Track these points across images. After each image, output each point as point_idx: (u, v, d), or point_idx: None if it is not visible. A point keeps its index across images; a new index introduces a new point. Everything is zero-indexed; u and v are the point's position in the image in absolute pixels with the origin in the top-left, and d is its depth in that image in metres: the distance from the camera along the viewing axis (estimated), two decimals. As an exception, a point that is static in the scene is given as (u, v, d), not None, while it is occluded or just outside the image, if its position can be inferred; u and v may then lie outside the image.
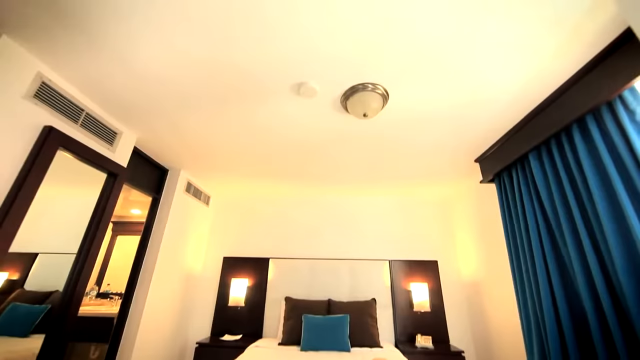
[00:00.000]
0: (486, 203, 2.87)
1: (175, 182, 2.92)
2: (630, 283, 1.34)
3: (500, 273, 2.60)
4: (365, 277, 3.30)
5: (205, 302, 3.34)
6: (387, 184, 3.31)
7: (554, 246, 1.86)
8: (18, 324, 1.87)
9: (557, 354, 1.69)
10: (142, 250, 2.62)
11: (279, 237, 3.61)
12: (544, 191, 1.88)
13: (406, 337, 3.06)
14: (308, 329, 2.62)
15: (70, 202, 2.22)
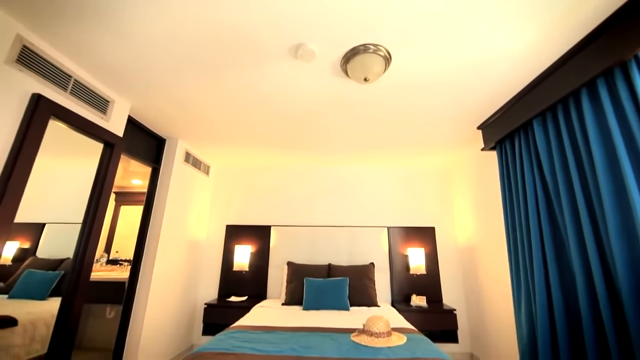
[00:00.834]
0: (485, 171, 2.87)
1: (173, 152, 2.90)
2: (622, 251, 1.38)
3: (495, 239, 2.68)
4: (364, 243, 3.42)
5: (211, 267, 3.50)
6: (387, 153, 3.29)
7: (550, 214, 1.89)
8: (35, 288, 1.97)
9: (544, 310, 1.80)
10: (146, 219, 2.68)
11: (280, 206, 3.68)
12: (546, 159, 1.86)
13: (402, 297, 3.25)
14: (309, 291, 2.77)
15: (73, 173, 2.23)
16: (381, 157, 3.44)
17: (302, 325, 2.07)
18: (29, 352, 1.64)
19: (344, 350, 1.56)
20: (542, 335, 1.78)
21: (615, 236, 1.40)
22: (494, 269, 2.74)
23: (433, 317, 2.86)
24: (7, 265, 1.94)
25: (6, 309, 1.72)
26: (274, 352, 1.51)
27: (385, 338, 1.70)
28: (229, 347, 1.56)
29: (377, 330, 1.74)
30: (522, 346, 1.94)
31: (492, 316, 2.75)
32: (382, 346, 1.62)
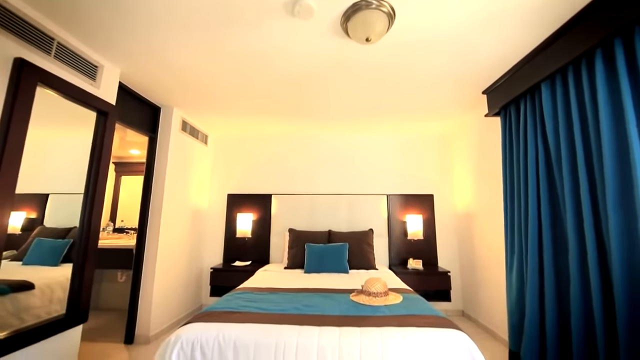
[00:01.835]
0: (487, 138, 2.83)
1: (169, 121, 2.84)
2: (618, 218, 1.40)
3: (492, 206, 2.72)
4: (363, 210, 3.49)
5: (214, 234, 3.61)
6: (387, 120, 3.21)
7: (549, 180, 1.90)
8: (47, 255, 2.04)
9: (534, 272, 1.89)
10: (147, 189, 2.71)
11: (280, 175, 3.69)
12: (550, 125, 1.82)
13: (399, 261, 3.40)
14: (310, 256, 2.89)
15: (72, 144, 2.20)
16: (381, 124, 3.37)
17: (304, 286, 2.18)
18: (49, 312, 1.74)
19: (344, 308, 1.67)
20: (530, 293, 1.88)
21: (612, 203, 1.41)
22: (488, 234, 2.82)
23: (428, 278, 3.01)
24: (17, 235, 1.98)
25: (22, 275, 1.80)
26: (277, 310, 1.62)
27: (382, 297, 1.80)
28: (235, 307, 1.66)
29: (375, 290, 1.83)
30: (511, 303, 2.07)
31: (484, 278, 2.89)
32: (379, 304, 1.72)
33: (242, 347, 1.31)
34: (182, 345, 1.32)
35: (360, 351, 1.28)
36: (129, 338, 2.51)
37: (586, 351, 1.56)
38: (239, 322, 1.44)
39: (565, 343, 1.73)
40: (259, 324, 1.42)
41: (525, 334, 1.87)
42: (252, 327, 1.39)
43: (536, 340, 1.84)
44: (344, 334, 1.35)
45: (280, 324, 1.42)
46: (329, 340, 1.31)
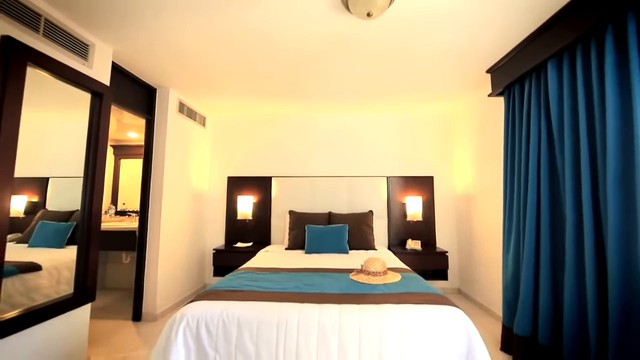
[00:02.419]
0: (489, 118, 2.79)
1: (166, 102, 2.78)
2: (617, 198, 1.40)
3: (492, 188, 2.73)
4: (363, 192, 3.50)
5: (216, 216, 3.65)
6: (388, 100, 3.15)
7: (550, 161, 1.89)
8: (51, 237, 2.08)
9: (531, 252, 1.93)
10: (147, 172, 2.70)
11: (280, 157, 3.67)
12: (555, 105, 1.79)
13: (398, 242, 3.46)
14: (311, 237, 2.94)
15: (70, 127, 2.18)
16: (382, 105, 3.31)
17: (305, 266, 2.24)
18: (57, 292, 1.80)
19: (344, 286, 1.72)
20: (526, 272, 1.93)
21: (612, 182, 1.41)
22: (487, 216, 2.85)
23: (426, 258, 3.08)
24: (21, 218, 2.00)
25: (29, 256, 1.83)
26: (279, 289, 1.66)
27: (381, 276, 1.85)
28: (238, 285, 1.71)
29: (374, 269, 1.88)
30: (506, 281, 2.13)
31: (481, 257, 2.96)
32: (378, 283, 1.77)
33: (245, 324, 1.36)
34: (187, 322, 1.38)
35: (360, 327, 1.33)
36: (136, 316, 2.60)
37: (577, 326, 1.63)
38: (242, 300, 1.48)
39: (557, 319, 1.79)
40: (261, 302, 1.46)
41: (519, 310, 1.94)
42: (255, 305, 1.44)
43: (529, 316, 1.91)
44: (344, 311, 1.39)
45: (282, 302, 1.46)
46: (329, 317, 1.36)
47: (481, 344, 1.32)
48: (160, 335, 1.39)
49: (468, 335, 1.33)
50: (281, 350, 1.32)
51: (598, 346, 1.46)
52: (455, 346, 1.32)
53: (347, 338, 1.31)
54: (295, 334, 1.33)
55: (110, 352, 2.10)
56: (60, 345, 1.75)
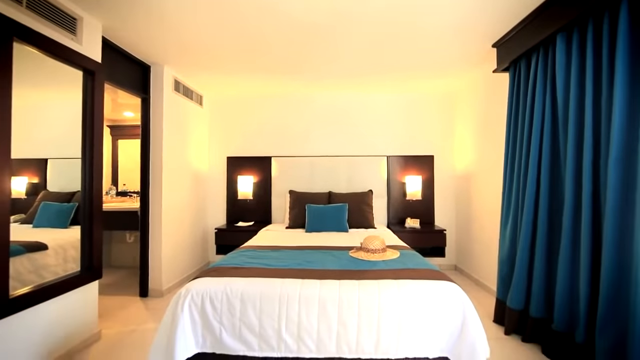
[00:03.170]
0: (492, 97, 2.73)
1: (161, 80, 2.71)
2: (618, 175, 1.40)
3: (492, 166, 2.72)
4: (363, 172, 3.50)
5: (216, 196, 3.68)
6: (389, 78, 3.06)
7: (553, 139, 1.87)
8: (55, 218, 2.10)
9: (528, 227, 1.96)
10: (145, 152, 2.69)
11: (279, 137, 3.63)
12: (561, 81, 1.75)
13: (397, 221, 3.51)
14: (311, 216, 2.98)
15: (65, 107, 2.14)
16: (382, 83, 3.22)
17: (305, 244, 2.28)
18: (65, 270, 1.85)
19: (343, 263, 1.76)
20: (522, 247, 1.97)
21: (614, 160, 1.40)
22: (486, 195, 2.87)
23: (425, 236, 3.14)
24: (23, 199, 2.02)
25: (34, 236, 1.87)
26: (280, 265, 1.71)
27: (380, 253, 1.89)
28: (240, 263, 1.76)
29: (373, 247, 1.92)
30: (502, 256, 2.18)
31: (478, 235, 3.01)
32: (377, 260, 1.82)
33: (248, 298, 1.41)
34: (192, 297, 1.43)
35: (359, 301, 1.38)
36: (143, 292, 2.70)
37: (568, 299, 1.69)
38: (244, 276, 1.53)
39: (549, 293, 1.86)
40: (263, 278, 1.51)
41: (513, 284, 2.01)
42: (257, 281, 1.49)
43: (523, 290, 1.97)
44: (344, 286, 1.44)
45: (283, 278, 1.51)
46: (329, 292, 1.41)
47: (475, 316, 1.37)
48: (167, 310, 1.44)
49: (463, 309, 1.38)
50: (283, 322, 1.37)
51: (588, 317, 1.53)
52: (451, 318, 1.37)
53: (346, 311, 1.37)
54: (297, 307, 1.38)
55: (120, 325, 2.20)
56: (72, 320, 1.83)
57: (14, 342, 1.50)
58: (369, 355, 1.35)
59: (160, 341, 1.39)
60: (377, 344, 1.35)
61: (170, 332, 1.37)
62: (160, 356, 1.36)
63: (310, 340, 1.36)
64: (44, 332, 1.66)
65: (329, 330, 1.36)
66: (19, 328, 1.52)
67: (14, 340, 1.50)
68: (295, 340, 1.37)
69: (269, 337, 1.38)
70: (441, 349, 1.36)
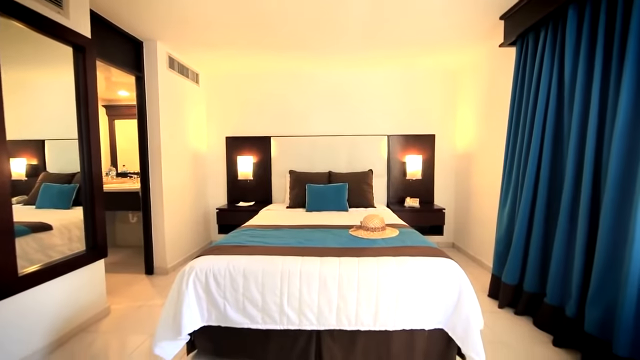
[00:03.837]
0: (496, 73, 2.64)
1: (154, 57, 2.62)
2: (620, 153, 1.38)
3: (493, 145, 2.69)
4: (363, 151, 3.48)
5: (216, 177, 3.68)
6: (391, 54, 2.95)
7: (557, 116, 1.84)
8: (57, 199, 2.12)
9: (527, 206, 1.97)
10: (143, 132, 2.65)
11: (278, 116, 3.57)
12: (570, 55, 1.69)
13: (397, 200, 3.53)
14: (311, 195, 2.99)
15: (60, 87, 2.09)
16: (384, 59, 3.11)
17: (306, 223, 2.31)
18: (71, 249, 1.89)
19: (343, 241, 1.79)
20: (520, 225, 2.00)
21: (619, 137, 1.38)
22: (485, 174, 2.87)
23: (424, 215, 3.18)
24: (23, 181, 2.02)
25: (38, 217, 1.89)
26: (281, 244, 1.74)
27: (379, 232, 1.92)
28: (242, 241, 1.79)
29: (373, 225, 1.95)
30: (500, 233, 2.22)
31: (476, 214, 3.04)
32: (376, 238, 1.85)
33: (251, 274, 1.45)
34: (196, 274, 1.47)
35: (358, 277, 1.42)
36: (149, 269, 2.78)
37: (562, 275, 1.74)
38: (246, 254, 1.56)
39: (544, 269, 1.91)
40: (265, 255, 1.54)
41: (509, 261, 2.06)
42: (259, 258, 1.52)
43: (518, 266, 2.03)
44: (344, 263, 1.47)
45: (285, 255, 1.54)
46: (329, 268, 1.44)
47: (471, 291, 1.42)
48: (172, 286, 1.49)
49: (460, 283, 1.42)
50: (285, 297, 1.42)
51: (580, 291, 1.58)
52: (448, 293, 1.42)
53: (346, 286, 1.41)
54: (298, 283, 1.42)
55: (128, 301, 2.28)
56: (81, 296, 1.90)
57: (27, 317, 1.57)
58: (367, 327, 1.41)
59: (167, 315, 1.45)
60: (376, 316, 1.40)
61: (176, 307, 1.43)
62: (169, 330, 1.42)
63: (311, 313, 1.42)
64: (54, 308, 1.72)
65: (329, 304, 1.41)
66: (31, 304, 1.58)
67: (26, 316, 1.56)
68: (297, 314, 1.42)
69: (272, 311, 1.43)
70: (437, 321, 1.42)
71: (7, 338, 1.47)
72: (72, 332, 1.82)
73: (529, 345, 1.70)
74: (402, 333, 1.44)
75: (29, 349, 1.57)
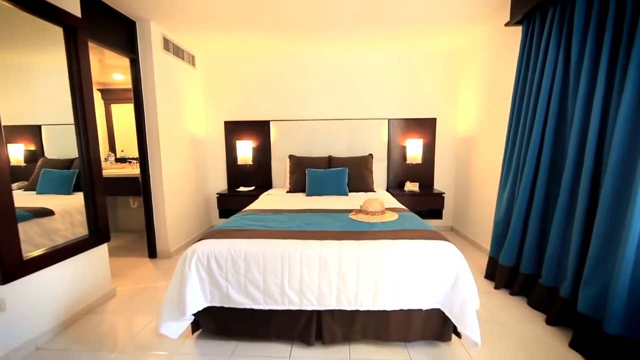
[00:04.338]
0: (500, 54, 2.57)
1: (148, 39, 2.53)
2: (624, 136, 1.36)
3: (495, 128, 2.66)
4: (364, 135, 3.45)
5: (216, 162, 3.67)
6: (390, 34, 2.84)
7: (561, 98, 1.81)
8: (57, 184, 2.12)
9: (526, 190, 1.98)
10: (140, 117, 2.62)
11: (277, 100, 3.51)
12: (578, 36, 1.64)
13: (397, 184, 3.54)
14: (311, 180, 3.00)
15: (55, 71, 2.04)
16: (383, 40, 3.01)
17: (306, 207, 2.33)
18: (74, 234, 1.91)
19: (343, 225, 1.81)
20: (518, 210, 2.01)
21: (623, 121, 1.36)
22: (486, 158, 2.85)
23: (423, 199, 3.19)
24: (22, 166, 2.02)
25: (39, 203, 1.90)
26: (282, 227, 1.76)
27: (379, 215, 1.94)
28: (242, 225, 1.81)
29: (373, 209, 1.96)
30: (498, 217, 2.24)
31: (475, 198, 3.06)
32: (376, 221, 1.87)
33: (252, 257, 1.47)
34: (198, 257, 1.49)
35: (358, 260, 1.44)
36: (152, 253, 2.83)
37: (558, 258, 1.77)
38: (247, 238, 1.58)
39: (540, 252, 1.94)
40: (265, 239, 1.56)
41: (507, 243, 2.09)
42: (260, 241, 1.54)
43: (515, 248, 2.06)
44: (343, 246, 1.50)
45: (285, 239, 1.56)
46: (329, 251, 1.47)
47: (468, 272, 1.45)
48: (176, 269, 1.52)
49: (457, 265, 1.45)
50: (286, 279, 1.46)
51: (576, 273, 1.61)
52: (446, 274, 1.45)
53: (346, 269, 1.44)
54: (299, 265, 1.45)
55: (133, 283, 2.34)
56: (87, 279, 1.94)
57: (36, 299, 1.61)
58: (366, 307, 1.46)
59: (172, 297, 1.49)
60: (375, 297, 1.44)
61: (180, 289, 1.46)
62: (173, 310, 1.47)
63: (312, 295, 1.45)
64: (62, 290, 1.77)
65: (330, 285, 1.45)
66: (39, 287, 1.62)
67: (35, 298, 1.61)
68: (298, 295, 1.46)
69: (273, 293, 1.47)
70: (435, 301, 1.46)
71: (19, 318, 1.52)
72: (81, 312, 1.88)
73: (522, 323, 1.76)
74: (400, 312, 1.49)
75: (40, 328, 1.62)
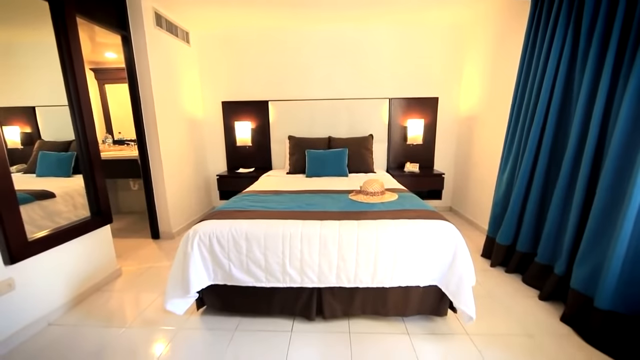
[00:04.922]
0: (505, 30, 2.47)
1: (139, 14, 2.42)
2: (629, 115, 1.34)
3: (498, 108, 2.61)
4: (364, 115, 3.39)
5: (215, 143, 3.63)
6: (391, 9, 2.71)
7: (567, 79, 1.76)
8: (56, 167, 2.12)
9: (526, 171, 1.97)
10: (135, 97, 2.56)
11: (275, 79, 3.41)
12: (588, 16, 1.57)
13: (397, 165, 3.53)
14: (311, 161, 2.98)
15: (46, 50, 1.97)
16: (385, 15, 2.87)
17: (306, 188, 2.34)
18: (77, 215, 1.93)
19: (343, 205, 1.83)
20: (517, 191, 2.02)
21: (629, 101, 1.33)
22: (487, 139, 2.82)
23: (423, 180, 3.19)
24: (20, 149, 2.00)
25: (40, 185, 1.90)
26: (282, 208, 1.78)
27: (379, 196, 1.95)
28: (243, 206, 1.82)
29: (372, 190, 1.97)
30: (497, 197, 2.25)
31: (475, 178, 3.06)
32: (376, 202, 1.88)
33: (253, 237, 1.50)
34: (200, 237, 1.52)
35: (358, 239, 1.47)
36: (155, 234, 2.87)
37: (554, 237, 1.80)
38: (248, 218, 1.60)
39: (537, 231, 1.97)
40: (266, 219, 1.58)
41: (504, 223, 2.11)
42: (260, 222, 1.56)
43: (513, 228, 2.09)
44: (343, 225, 1.51)
45: (286, 219, 1.58)
46: (329, 231, 1.49)
47: (465, 251, 1.48)
48: (178, 249, 1.55)
49: (455, 244, 1.47)
50: (287, 258, 1.49)
51: (571, 251, 1.64)
52: (443, 253, 1.48)
53: (346, 248, 1.46)
54: (299, 244, 1.48)
55: (138, 263, 2.39)
56: (92, 259, 1.99)
57: (44, 278, 1.65)
58: (366, 284, 1.50)
59: (176, 276, 1.53)
60: (374, 275, 1.48)
61: (183, 268, 1.50)
62: (178, 288, 1.51)
63: (313, 273, 1.49)
64: (69, 270, 1.81)
65: (330, 264, 1.48)
66: (45, 267, 1.66)
67: (43, 277, 1.65)
68: (299, 273, 1.50)
69: (275, 271, 1.51)
70: (432, 278, 1.50)
71: (29, 296, 1.57)
72: (89, 291, 1.94)
73: (516, 298, 1.82)
74: (398, 289, 1.53)
75: (50, 306, 1.68)
